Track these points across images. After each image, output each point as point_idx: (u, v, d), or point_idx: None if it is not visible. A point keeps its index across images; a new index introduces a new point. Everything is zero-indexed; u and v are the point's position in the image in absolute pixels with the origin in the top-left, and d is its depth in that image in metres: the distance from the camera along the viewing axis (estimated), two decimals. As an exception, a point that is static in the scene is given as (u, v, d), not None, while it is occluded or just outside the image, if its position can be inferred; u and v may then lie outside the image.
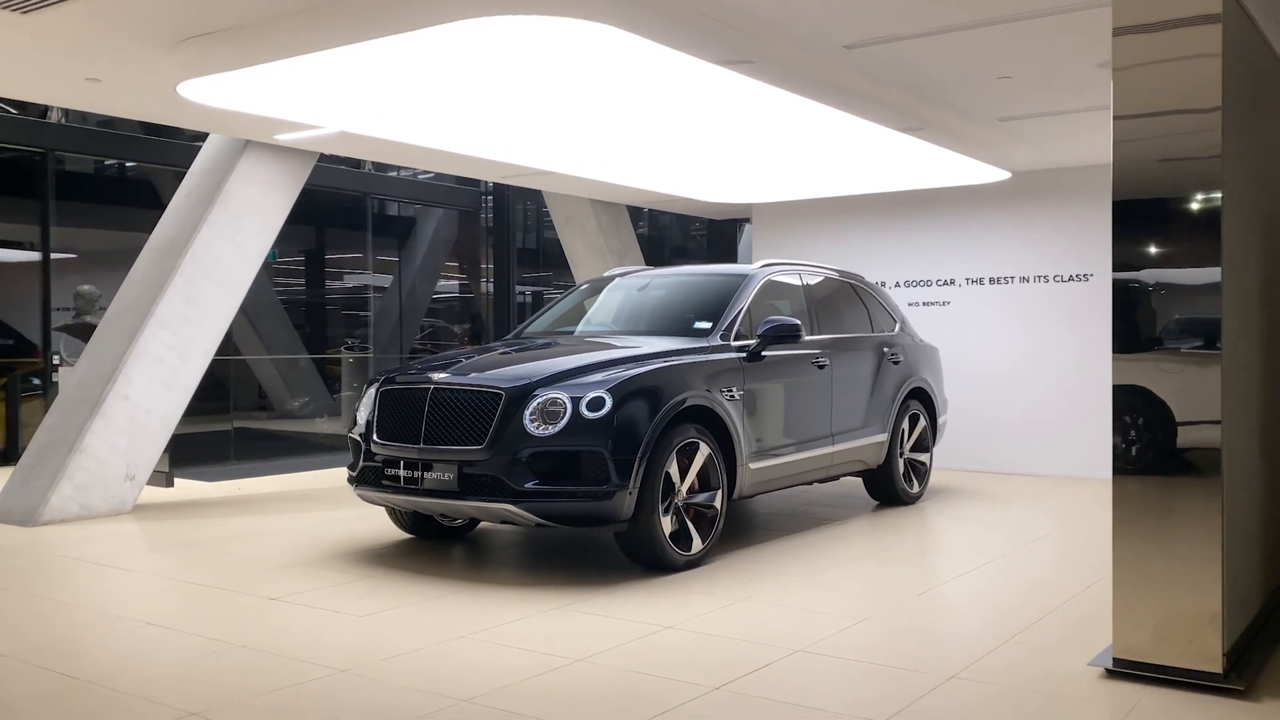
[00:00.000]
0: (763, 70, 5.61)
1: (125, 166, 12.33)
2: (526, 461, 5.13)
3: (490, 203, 14.38)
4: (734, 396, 5.83)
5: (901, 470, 7.51)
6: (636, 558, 5.41)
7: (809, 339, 6.68)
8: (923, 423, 7.79)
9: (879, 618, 4.62)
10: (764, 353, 6.18)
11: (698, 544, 5.52)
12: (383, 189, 13.42)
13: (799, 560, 5.75)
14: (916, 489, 7.70)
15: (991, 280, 9.57)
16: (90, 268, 11.66)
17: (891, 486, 7.46)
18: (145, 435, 7.36)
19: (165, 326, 7.42)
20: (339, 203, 13.16)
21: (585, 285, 7.55)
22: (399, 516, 6.20)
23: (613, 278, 7.35)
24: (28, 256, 10.69)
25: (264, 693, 3.63)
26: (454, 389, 5.42)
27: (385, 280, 14.03)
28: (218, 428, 10.51)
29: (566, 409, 5.17)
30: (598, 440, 5.12)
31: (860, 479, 7.55)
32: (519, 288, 14.74)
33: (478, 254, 14.85)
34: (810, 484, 6.97)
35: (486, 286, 14.64)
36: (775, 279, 6.81)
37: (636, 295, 6.98)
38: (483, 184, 13.93)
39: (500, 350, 6.24)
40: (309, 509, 7.51)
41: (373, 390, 5.78)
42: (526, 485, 5.11)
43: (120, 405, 7.20)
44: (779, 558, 5.81)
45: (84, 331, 8.99)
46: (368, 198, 13.22)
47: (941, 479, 8.77)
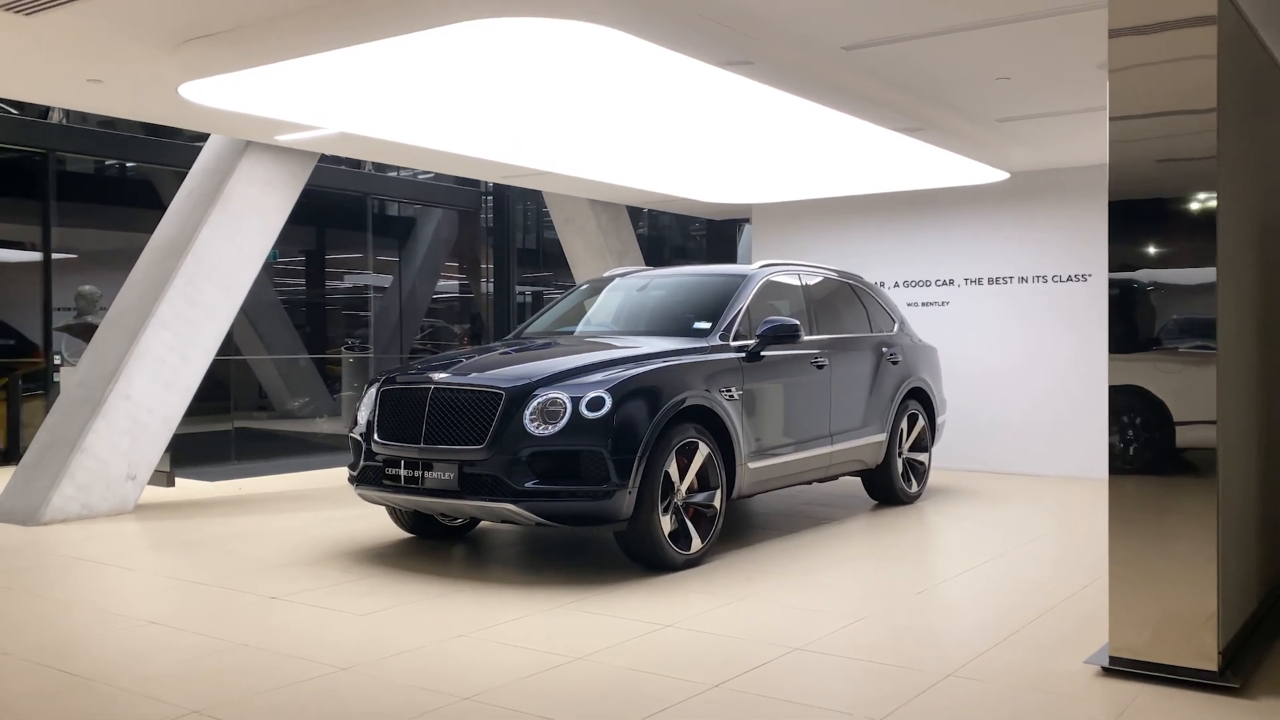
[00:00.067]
0: (762, 71, 5.63)
1: (126, 167, 12.35)
2: (526, 461, 5.15)
3: (490, 203, 14.41)
4: (733, 396, 5.85)
5: (900, 470, 7.53)
6: (636, 557, 5.43)
7: (808, 339, 6.70)
8: (921, 422, 7.81)
9: (877, 616, 4.64)
10: (763, 353, 6.20)
11: (697, 543, 5.54)
12: (383, 189, 13.44)
13: (798, 559, 5.77)
14: (915, 489, 7.72)
15: (990, 280, 9.59)
16: (91, 268, 11.68)
17: (890, 486, 7.48)
18: (147, 435, 7.38)
19: (166, 327, 7.45)
20: (339, 203, 13.18)
21: (585, 285, 7.57)
22: (400, 516, 6.22)
23: (612, 278, 7.37)
24: (29, 257, 10.71)
25: (265, 691, 3.65)
26: (454, 389, 5.44)
27: (385, 280, 14.05)
28: (218, 428, 10.54)
29: (566, 409, 5.19)
30: (597, 440, 5.14)
31: (859, 479, 7.57)
32: (519, 288, 14.77)
33: (478, 254, 14.87)
34: (809, 483, 6.99)
35: (486, 287, 14.67)
36: (774, 279, 6.83)
37: (636, 295, 7.00)
38: (483, 184, 13.95)
39: (500, 350, 6.26)
40: (310, 508, 7.53)
41: (373, 390, 5.80)
42: (526, 485, 5.14)
43: (122, 405, 7.23)
44: (778, 557, 5.83)
45: (85, 332, 9.01)
46: (368, 198, 13.24)
47: (940, 479, 8.79)
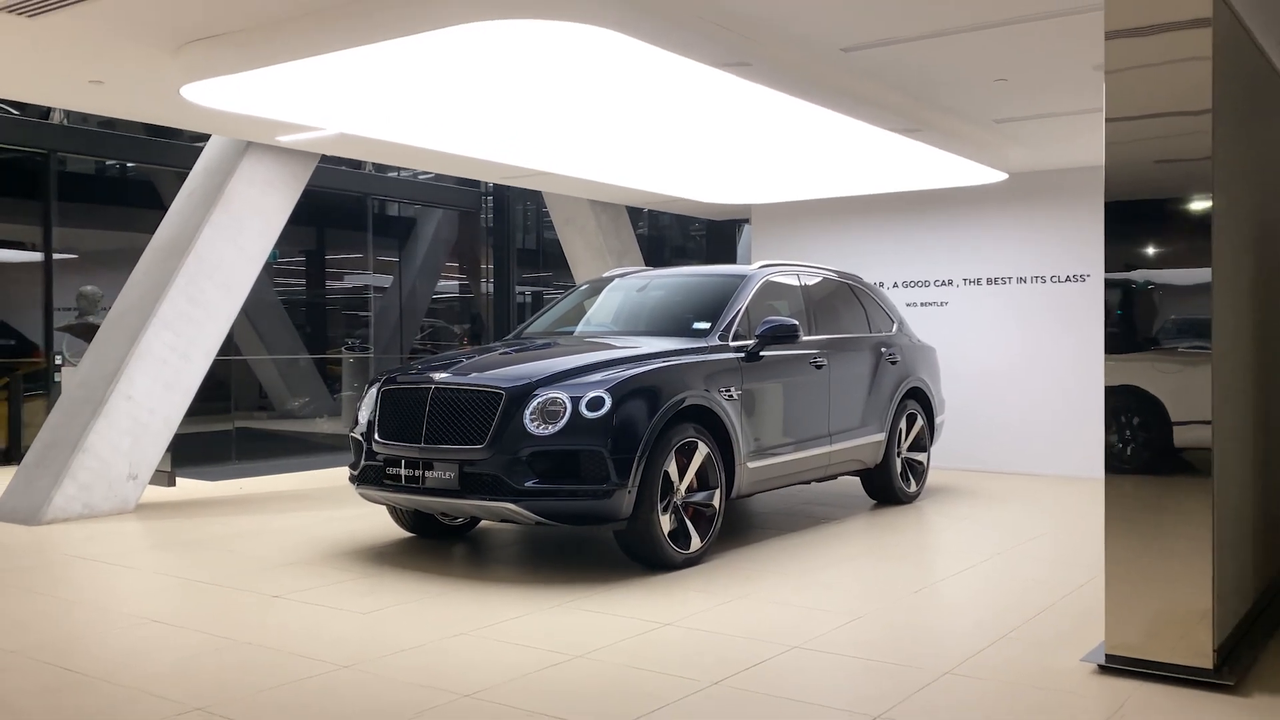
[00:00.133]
0: (761, 73, 5.65)
1: (127, 167, 12.38)
2: (527, 460, 5.18)
3: (490, 203, 14.43)
4: (732, 396, 5.87)
5: (899, 469, 7.56)
6: (635, 556, 5.46)
7: (807, 339, 6.73)
8: (920, 422, 7.83)
9: (875, 615, 4.67)
10: (762, 353, 6.22)
11: (696, 542, 5.56)
12: (383, 190, 13.46)
13: (796, 558, 5.80)
14: (914, 488, 7.75)
15: (989, 281, 9.62)
16: (92, 268, 11.70)
17: (889, 486, 7.50)
18: (148, 435, 7.41)
19: (168, 327, 7.47)
20: (340, 203, 13.20)
21: (585, 286, 7.59)
22: (400, 515, 6.24)
23: (612, 278, 7.39)
24: (30, 257, 10.73)
25: (267, 688, 3.68)
26: (455, 389, 5.46)
27: (385, 281, 14.07)
28: (219, 428, 10.56)
29: (566, 408, 5.22)
30: (597, 439, 5.17)
31: (858, 478, 7.59)
32: (519, 288, 14.79)
33: (478, 254, 14.89)
34: (808, 483, 7.01)
35: (486, 287, 14.69)
36: (773, 279, 6.85)
37: (636, 296, 7.03)
38: (483, 185, 13.97)
39: (500, 350, 6.29)
40: (310, 508, 7.55)
41: (374, 390, 5.82)
42: (526, 484, 5.16)
43: (123, 405, 7.25)
44: (776, 556, 5.85)
45: (87, 332, 9.03)
46: (368, 198, 13.27)
47: (939, 478, 8.82)
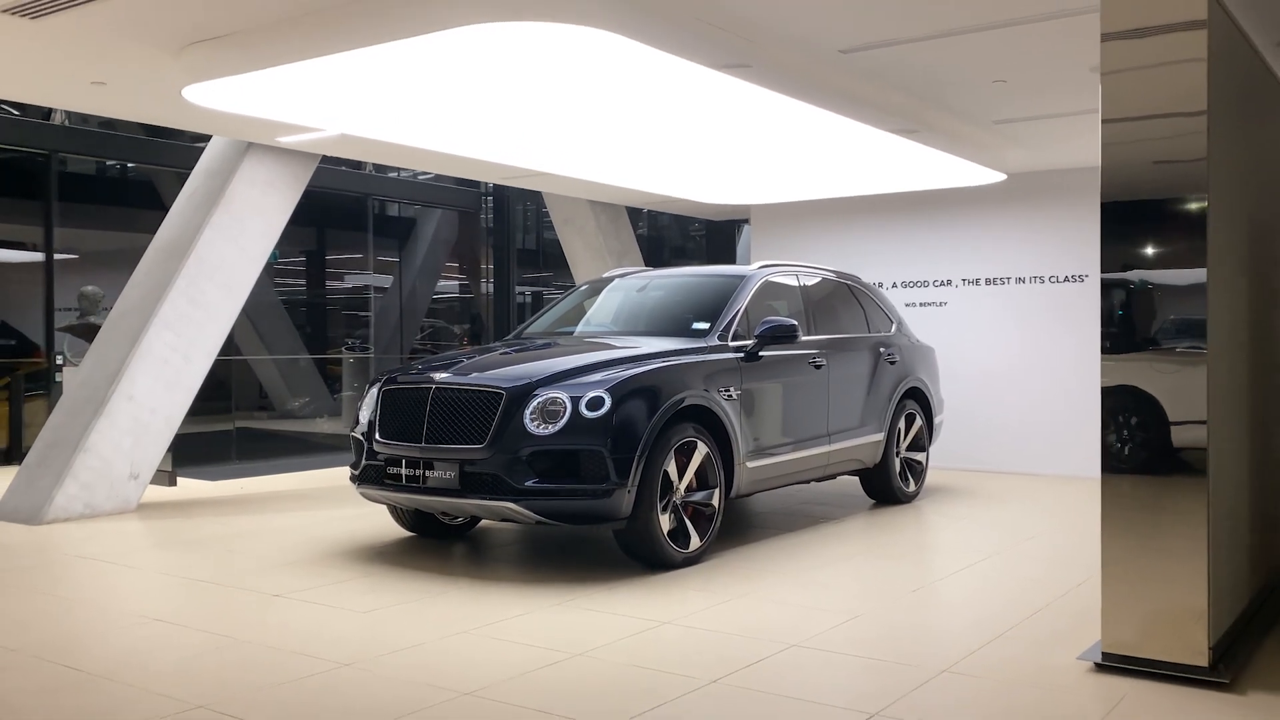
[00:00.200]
0: (760, 74, 5.68)
1: (127, 168, 12.40)
2: (527, 460, 5.20)
3: (490, 204, 14.45)
4: (731, 396, 5.89)
5: (898, 469, 7.58)
6: (635, 555, 5.48)
7: (806, 339, 6.75)
8: (919, 422, 7.86)
9: (873, 613, 4.69)
10: (761, 353, 6.25)
11: (695, 542, 5.59)
12: (383, 190, 13.49)
13: (795, 558, 5.82)
14: (912, 488, 7.77)
15: (988, 281, 9.64)
16: (93, 268, 11.72)
17: (888, 485, 7.52)
18: (149, 435, 7.43)
19: (169, 327, 7.49)
20: (340, 204, 13.23)
21: (585, 286, 7.61)
22: (401, 515, 6.27)
23: (612, 278, 7.42)
24: (31, 257, 10.76)
25: (268, 686, 3.70)
26: (455, 389, 5.49)
27: (386, 281, 14.10)
28: (220, 427, 10.59)
29: (566, 408, 5.24)
30: (597, 439, 5.19)
31: (857, 478, 7.62)
32: (519, 288, 14.81)
33: (478, 254, 14.92)
34: (807, 483, 7.03)
35: (486, 287, 14.71)
36: (773, 280, 6.87)
37: (635, 296, 7.05)
38: (483, 185, 14.00)
39: (501, 350, 6.31)
40: (311, 508, 7.58)
41: (375, 390, 5.84)
42: (527, 483, 5.18)
43: (125, 405, 7.28)
44: (775, 555, 5.88)
45: (88, 332, 9.06)
46: (368, 199, 13.29)
47: (938, 478, 8.84)
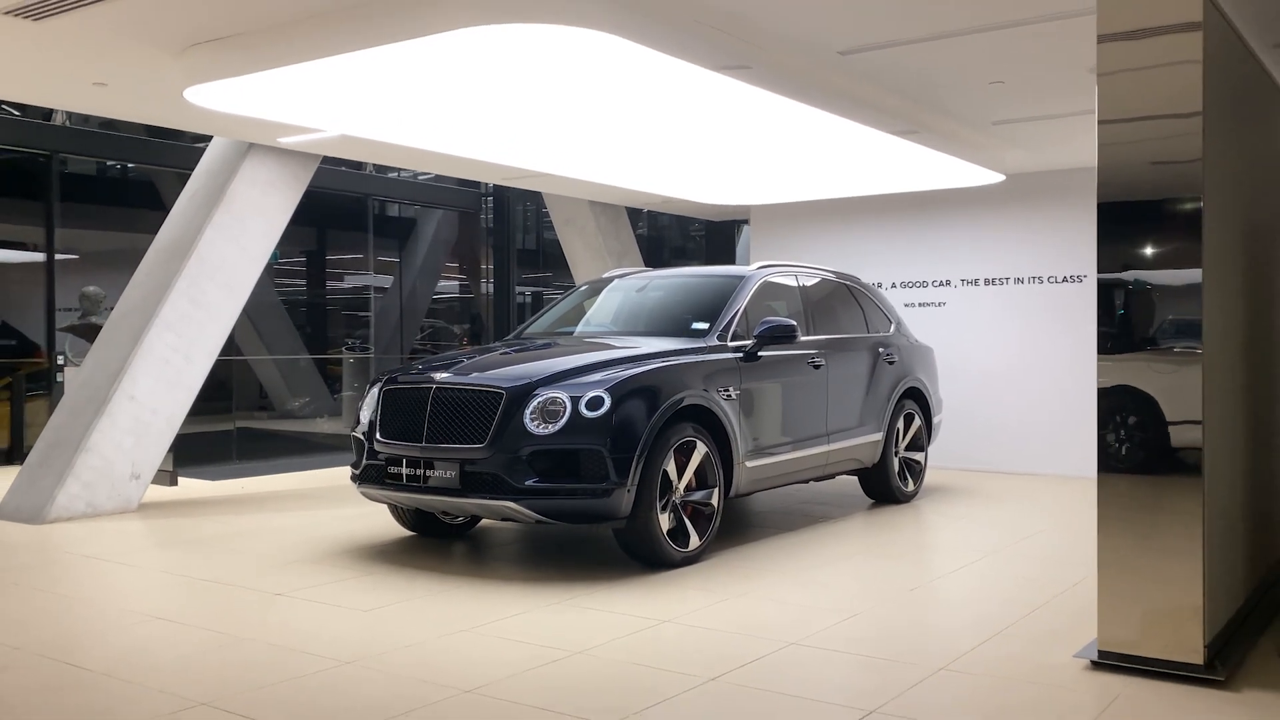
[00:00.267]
0: (759, 76, 5.70)
1: (128, 168, 12.42)
2: (527, 459, 5.23)
3: (490, 204, 14.48)
4: (731, 396, 5.92)
5: (896, 469, 7.60)
6: (635, 554, 5.50)
7: (805, 339, 6.77)
8: (918, 422, 7.88)
9: (871, 612, 4.71)
10: (760, 353, 6.27)
11: (695, 541, 5.61)
12: (384, 190, 13.51)
13: (794, 557, 5.85)
14: (911, 487, 7.79)
15: (986, 281, 9.67)
16: (93, 269, 11.74)
17: (886, 485, 7.55)
18: (150, 435, 7.46)
19: (170, 328, 7.52)
20: (340, 204, 13.25)
21: (585, 286, 7.64)
22: (401, 514, 6.29)
23: (612, 279, 7.44)
24: (32, 257, 10.78)
25: (270, 684, 3.72)
26: (456, 388, 5.51)
27: (386, 281, 14.12)
28: (220, 427, 10.61)
29: (566, 408, 5.26)
30: (597, 439, 5.21)
31: (856, 478, 7.64)
32: (519, 288, 14.84)
33: (478, 255, 14.94)
34: (806, 482, 7.05)
35: (486, 287, 14.74)
36: (772, 280, 6.90)
37: (635, 296, 7.07)
38: (483, 185, 14.02)
39: (501, 350, 6.33)
40: (311, 507, 7.60)
41: (376, 390, 5.87)
42: (527, 483, 5.21)
43: (126, 405, 7.30)
44: (774, 554, 5.90)
45: (89, 332, 9.09)
46: (369, 199, 13.32)
47: (936, 478, 8.87)
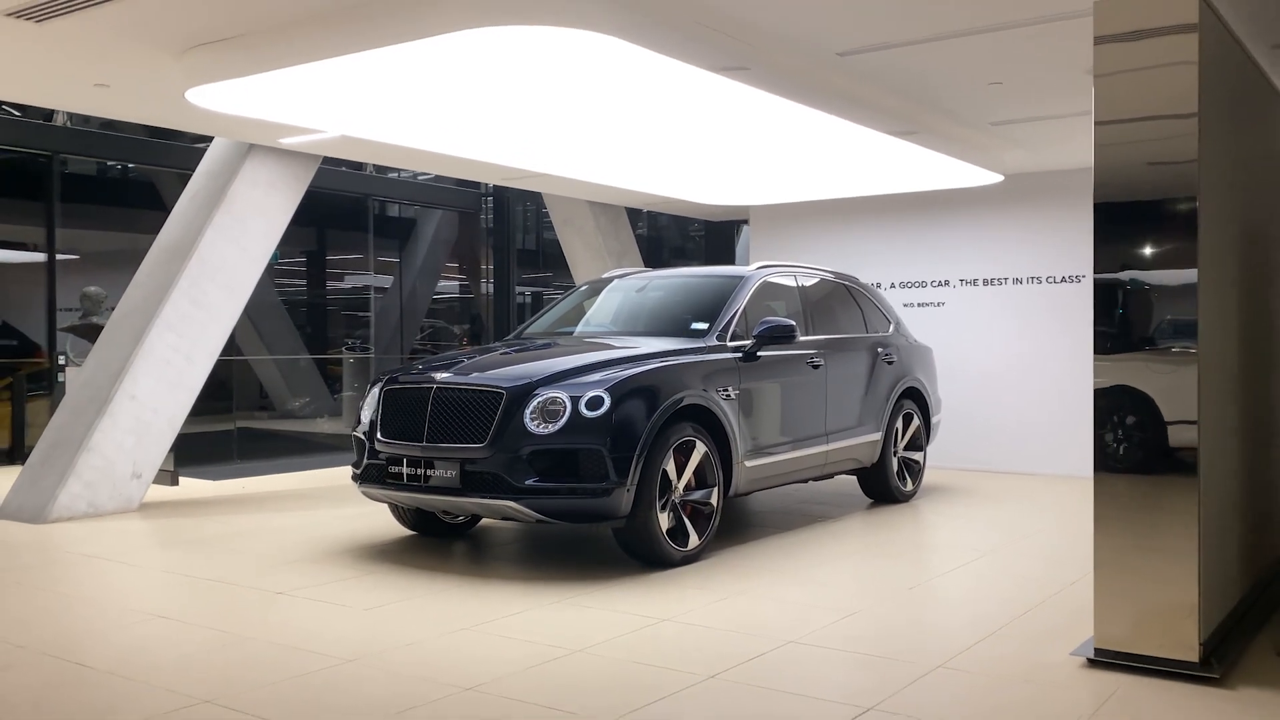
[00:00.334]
0: (758, 77, 5.72)
1: (129, 169, 12.44)
2: (527, 459, 5.25)
3: (490, 204, 14.50)
4: (730, 396, 5.94)
5: (895, 469, 7.62)
6: (634, 553, 5.53)
7: (804, 339, 6.80)
8: (916, 422, 7.90)
9: (870, 611, 4.74)
10: (759, 353, 6.29)
11: (694, 540, 5.63)
12: (384, 191, 13.53)
13: (793, 556, 5.87)
14: (910, 487, 7.81)
15: (985, 281, 9.69)
16: (94, 269, 11.76)
17: (885, 485, 7.57)
18: (152, 435, 7.48)
19: (171, 329, 7.54)
20: (340, 204, 13.27)
21: (584, 286, 7.66)
22: (402, 513, 6.31)
23: (611, 279, 7.46)
24: (33, 258, 10.80)
25: (272, 682, 3.75)
26: (456, 388, 5.53)
27: (386, 281, 14.14)
28: (221, 427, 10.64)
29: (566, 408, 5.29)
30: (596, 438, 5.24)
31: (854, 477, 7.66)
32: (519, 288, 14.86)
33: (478, 255, 14.97)
34: (805, 482, 7.08)
35: (486, 287, 14.76)
36: (771, 280, 6.92)
37: (635, 296, 7.09)
38: (483, 186, 14.04)
39: (501, 351, 6.36)
40: (312, 507, 7.62)
41: (377, 389, 5.89)
42: (527, 482, 5.23)
43: (127, 405, 7.32)
44: (773, 554, 5.92)
45: (90, 332, 9.11)
46: (369, 199, 13.34)
47: (935, 477, 8.89)
